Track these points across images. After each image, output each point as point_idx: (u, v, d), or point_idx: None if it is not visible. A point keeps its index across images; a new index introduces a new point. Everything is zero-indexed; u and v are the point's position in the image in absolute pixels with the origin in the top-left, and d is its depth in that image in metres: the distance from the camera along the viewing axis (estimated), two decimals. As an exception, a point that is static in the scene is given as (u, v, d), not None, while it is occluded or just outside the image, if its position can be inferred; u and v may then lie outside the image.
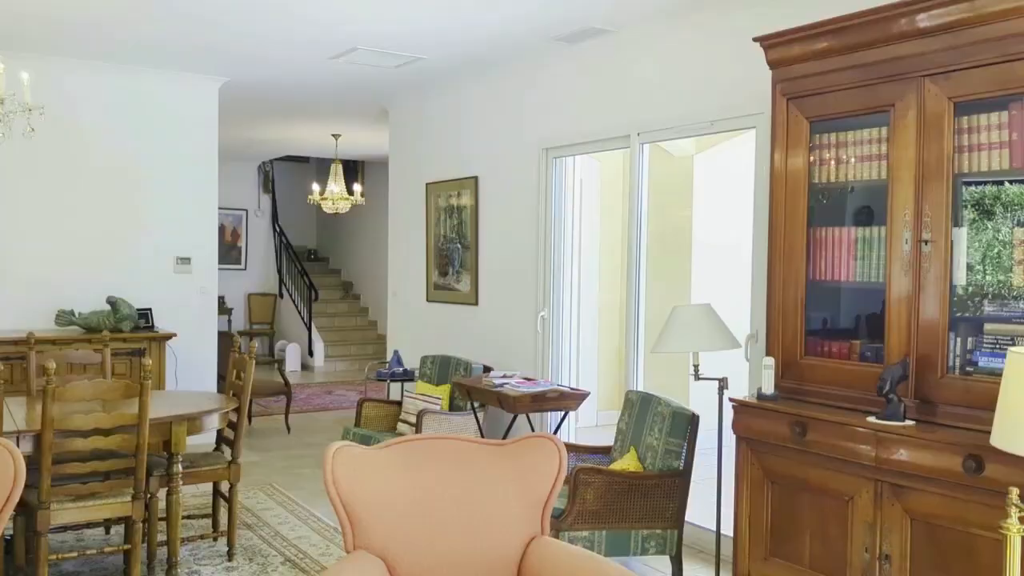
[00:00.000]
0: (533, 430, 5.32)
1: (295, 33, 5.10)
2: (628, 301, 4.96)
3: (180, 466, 3.97)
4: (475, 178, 6.27)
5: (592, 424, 7.66)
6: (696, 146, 6.97)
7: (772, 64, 3.42)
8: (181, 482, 3.98)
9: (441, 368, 5.85)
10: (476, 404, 5.30)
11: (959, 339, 2.92)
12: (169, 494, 3.95)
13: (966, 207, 2.94)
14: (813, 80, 3.29)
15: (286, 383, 7.69)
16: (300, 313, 12.42)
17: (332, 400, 9.45)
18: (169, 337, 6.23)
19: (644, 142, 4.85)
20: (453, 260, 6.53)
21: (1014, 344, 2.74)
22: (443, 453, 2.77)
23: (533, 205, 5.66)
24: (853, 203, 3.40)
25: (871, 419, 2.93)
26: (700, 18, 4.41)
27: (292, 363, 11.81)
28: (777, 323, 3.42)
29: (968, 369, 2.89)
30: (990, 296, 2.89)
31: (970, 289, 2.94)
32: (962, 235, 2.94)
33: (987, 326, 2.87)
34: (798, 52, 3.32)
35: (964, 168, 2.88)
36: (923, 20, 2.90)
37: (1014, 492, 2.03)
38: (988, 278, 2.90)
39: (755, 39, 3.46)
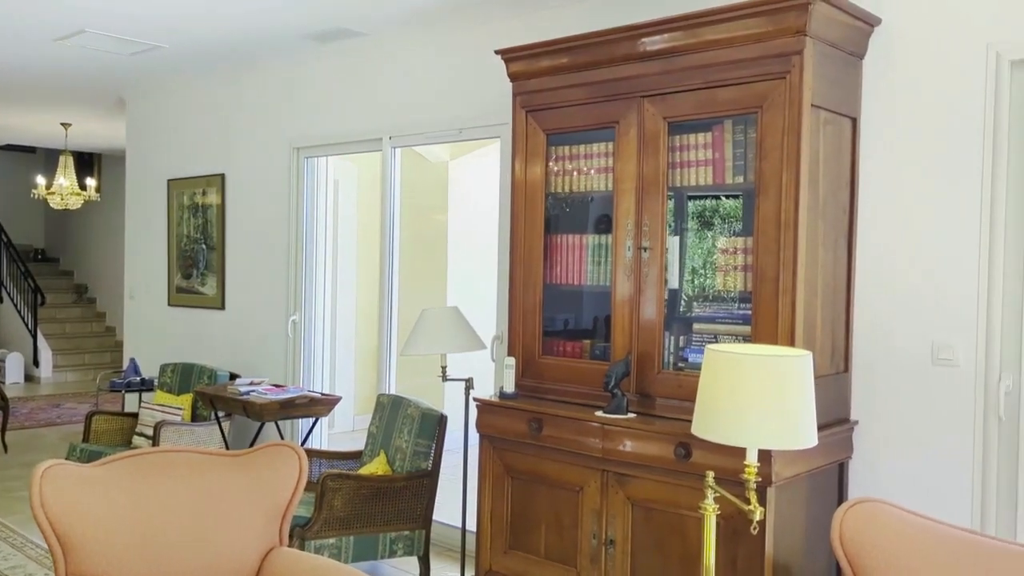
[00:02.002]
0: (283, 438, 5.16)
1: (13, 8, 4.59)
2: (381, 303, 4.96)
3: None
4: (222, 175, 5.98)
5: (349, 429, 7.57)
6: (451, 152, 7.12)
7: (512, 77, 3.57)
8: None
9: (183, 376, 5.51)
10: (221, 414, 5.05)
11: (673, 338, 3.21)
12: None
13: (679, 218, 3.24)
14: (549, 94, 3.47)
15: (2, 397, 6.88)
16: (24, 319, 11.17)
17: (60, 414, 8.60)
18: None
19: (396, 146, 4.87)
20: (198, 262, 6.18)
21: (716, 341, 3.06)
22: (173, 467, 2.62)
23: (284, 205, 5.49)
24: (585, 212, 3.63)
25: (598, 413, 3.14)
26: (449, 28, 4.51)
27: (13, 374, 10.61)
28: (518, 324, 3.57)
29: (680, 365, 3.18)
30: (698, 299, 3.20)
31: (682, 292, 3.24)
32: (676, 243, 3.24)
33: (696, 325, 3.18)
34: (536, 67, 3.50)
35: (677, 182, 3.17)
36: (642, 45, 3.15)
37: (710, 475, 2.26)
38: (697, 282, 3.22)
39: (496, 52, 3.60)
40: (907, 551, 2.08)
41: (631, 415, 3.11)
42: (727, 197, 3.17)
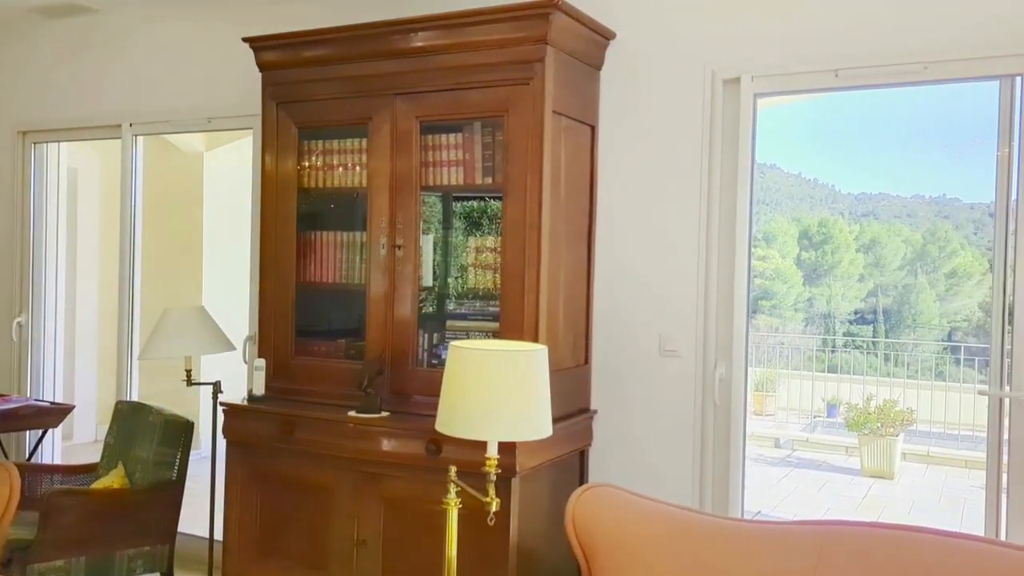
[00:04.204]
0: (6, 455, 4.65)
1: None
2: (121, 303, 4.59)
3: None
4: (-70, 160, 5.25)
5: (91, 440, 6.98)
6: (206, 143, 6.75)
7: (262, 67, 3.44)
8: None
9: None
10: (-73, 430, 4.44)
11: (427, 335, 3.24)
12: None
13: (433, 216, 3.28)
14: (302, 87, 3.38)
15: None
16: None
17: None
18: None
19: (138, 134, 4.53)
20: (-102, 258, 5.39)
21: (468, 338, 3.13)
22: None
23: (7, 196, 4.93)
24: (339, 209, 3.57)
25: (351, 413, 3.10)
26: (196, 10, 4.26)
27: None
28: (269, 324, 3.45)
29: (433, 362, 3.22)
30: (452, 296, 3.26)
31: (436, 290, 3.28)
32: (430, 241, 3.27)
33: (449, 323, 3.24)
34: (288, 58, 3.39)
35: (431, 181, 3.20)
36: (396, 43, 3.15)
37: (452, 470, 2.30)
38: (450, 280, 3.28)
39: (245, 40, 3.45)
40: (631, 531, 2.23)
41: (385, 414, 3.10)
42: (478, 197, 3.26)
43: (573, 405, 3.21)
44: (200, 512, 4.01)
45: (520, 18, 2.91)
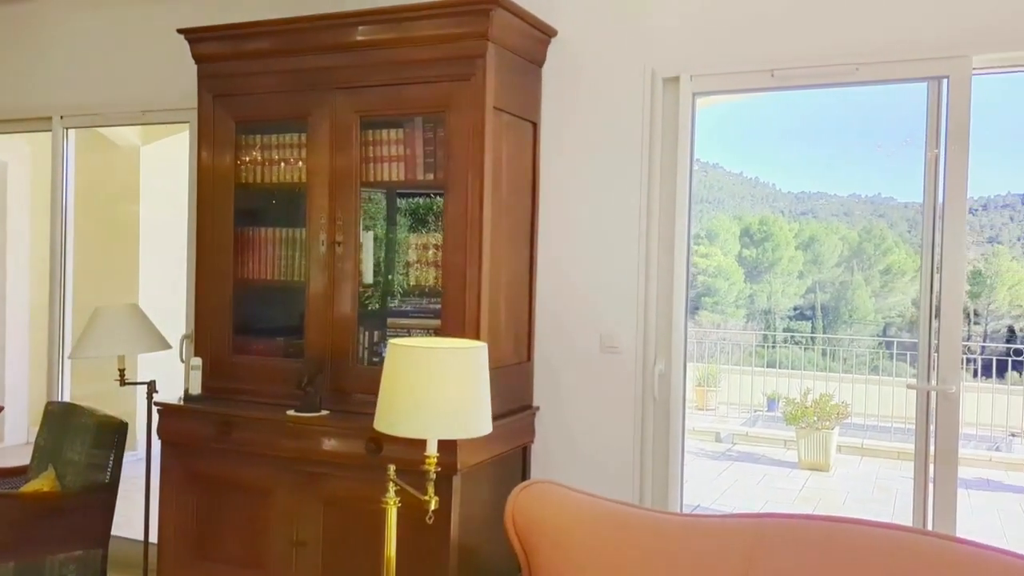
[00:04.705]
0: (-71, 458, 4.47)
1: None
2: (51, 301, 4.46)
3: None
4: None
5: (24, 441, 6.77)
6: (143, 137, 6.58)
7: (198, 59, 3.37)
8: None
9: None
10: None
11: (367, 332, 3.21)
12: None
13: (374, 213, 3.25)
14: (240, 81, 3.32)
15: None
16: None
17: None
18: None
19: (69, 127, 4.40)
20: None
21: (409, 335, 3.11)
22: None
23: (-71, 189, 4.74)
24: (279, 205, 3.52)
25: (290, 412, 3.06)
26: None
27: None
28: (206, 322, 3.38)
29: (375, 360, 3.19)
30: (393, 293, 3.24)
31: (377, 287, 3.26)
32: (371, 238, 3.24)
33: (390, 320, 3.22)
34: (224, 50, 3.32)
35: (371, 177, 3.17)
36: (336, 36, 3.11)
37: (391, 469, 2.28)
38: (391, 277, 3.25)
39: (180, 31, 3.37)
40: (570, 527, 2.25)
41: (324, 413, 3.06)
42: (424, 194, 3.24)
43: (515, 402, 3.21)
44: (135, 515, 3.92)
45: (461, 14, 2.90)
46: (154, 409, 3.38)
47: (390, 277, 3.26)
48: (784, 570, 2.06)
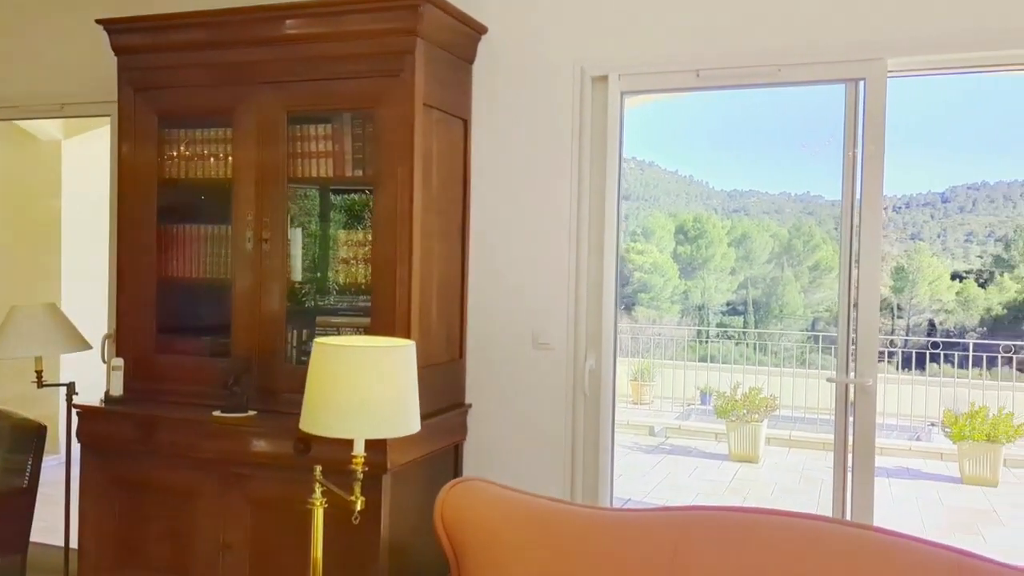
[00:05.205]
0: None
1: None
2: (-36, 301, 4.27)
3: None
4: None
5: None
6: (65, 131, 6.36)
7: (118, 51, 3.28)
8: None
9: None
10: None
11: (296, 331, 3.17)
12: None
13: (300, 210, 3.20)
14: (163, 74, 3.24)
15: None
16: None
17: None
18: None
19: (-18, 119, 4.23)
20: None
21: (339, 334, 3.08)
22: None
23: None
24: (204, 201, 3.44)
25: (216, 413, 3.00)
26: (48, -12, 4.01)
27: None
28: (128, 321, 3.29)
29: (303, 359, 3.14)
30: (322, 291, 3.20)
31: (305, 285, 3.21)
32: (298, 235, 3.20)
33: (319, 318, 3.17)
34: (146, 42, 3.24)
35: (298, 173, 3.12)
36: (263, 30, 3.05)
37: (317, 470, 2.25)
38: (320, 275, 3.21)
39: (98, 21, 3.27)
40: (500, 524, 2.25)
41: (252, 413, 3.01)
42: (353, 190, 3.20)
43: (447, 400, 3.20)
44: (56, 520, 3.80)
45: (390, 9, 2.87)
46: (74, 412, 3.27)
47: (320, 274, 3.22)
48: (707, 562, 2.10)
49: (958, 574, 1.96)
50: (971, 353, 11.58)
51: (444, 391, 3.18)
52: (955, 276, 20.64)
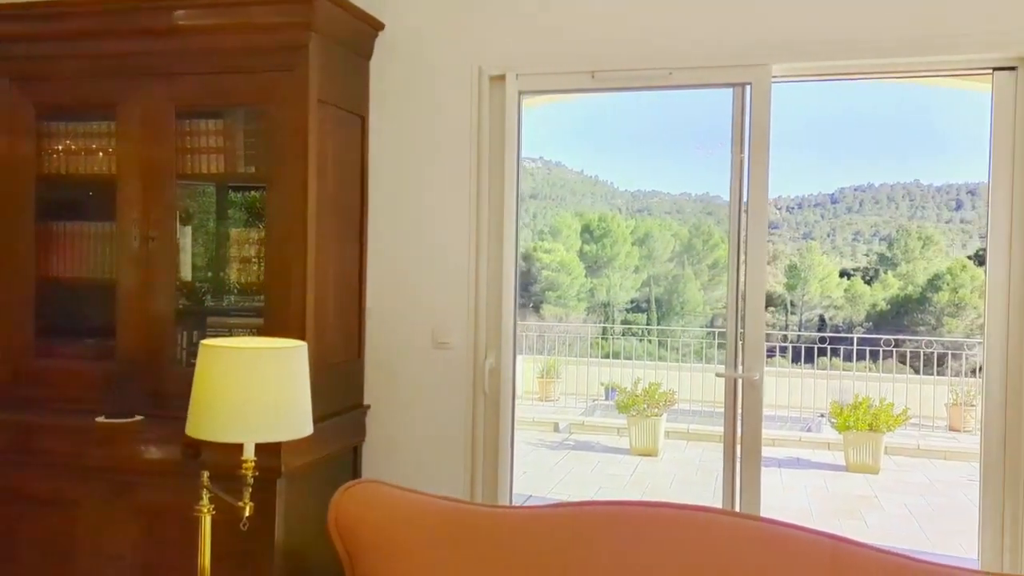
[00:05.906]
0: None
1: None
2: None
3: None
4: None
5: None
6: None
7: (-9, 38, 3.09)
8: None
9: None
10: None
11: (186, 332, 3.06)
12: None
13: (195, 207, 3.10)
14: (41, 63, 3.08)
15: None
16: None
17: None
18: None
19: None
20: None
21: (231, 335, 2.99)
22: None
23: None
24: (87, 198, 3.29)
25: (100, 419, 2.87)
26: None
27: None
28: (3, 325, 3.12)
29: (194, 361, 3.03)
30: (213, 291, 3.11)
31: (196, 284, 3.11)
32: (188, 233, 3.09)
33: (210, 319, 3.08)
34: (22, 30, 3.07)
35: (188, 169, 3.02)
36: (149, 20, 2.93)
37: (205, 475, 2.19)
38: (211, 274, 3.12)
39: (-32, 7, 3.08)
40: (393, 527, 2.24)
41: (138, 418, 2.90)
42: (250, 187, 3.12)
43: (345, 401, 3.16)
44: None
45: (283, 2, 2.81)
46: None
47: (211, 274, 3.12)
48: (602, 556, 2.14)
49: (836, 559, 2.05)
50: (855, 347, 12.17)
51: (341, 392, 3.14)
52: (843, 273, 21.68)
